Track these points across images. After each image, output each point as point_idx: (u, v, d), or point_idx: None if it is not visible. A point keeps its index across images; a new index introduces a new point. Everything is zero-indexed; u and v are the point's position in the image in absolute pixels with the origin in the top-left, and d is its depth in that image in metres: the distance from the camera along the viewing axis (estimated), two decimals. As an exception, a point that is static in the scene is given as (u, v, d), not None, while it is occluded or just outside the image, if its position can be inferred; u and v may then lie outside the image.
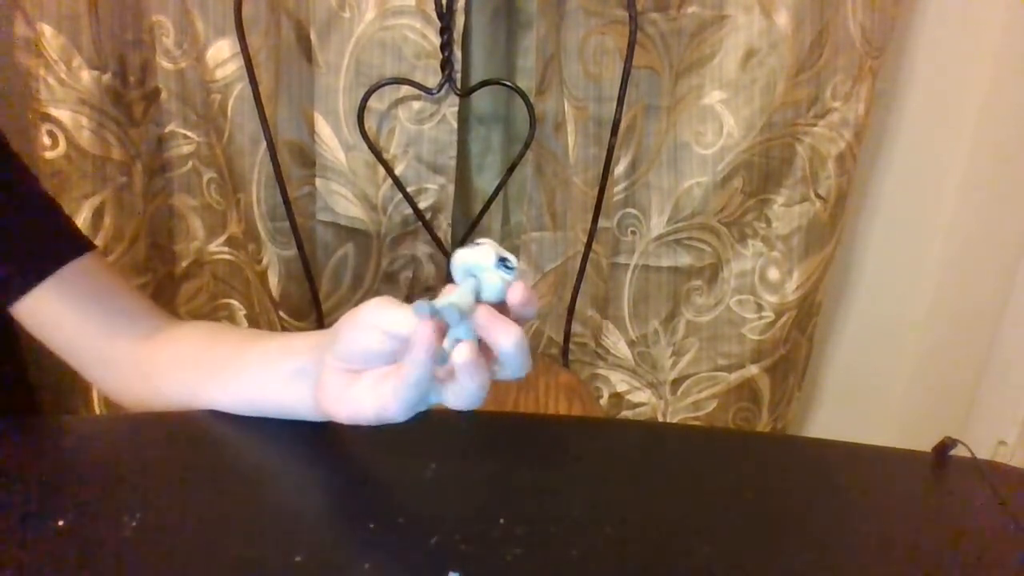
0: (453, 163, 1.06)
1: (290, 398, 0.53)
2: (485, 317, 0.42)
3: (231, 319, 1.20)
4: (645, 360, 1.18)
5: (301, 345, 0.53)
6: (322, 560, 0.44)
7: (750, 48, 0.98)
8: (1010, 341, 1.10)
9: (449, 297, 0.42)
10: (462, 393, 0.43)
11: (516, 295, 0.43)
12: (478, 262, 0.43)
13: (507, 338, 0.42)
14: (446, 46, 0.98)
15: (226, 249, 1.16)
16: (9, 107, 1.03)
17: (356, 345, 0.47)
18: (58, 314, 0.59)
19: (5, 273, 0.58)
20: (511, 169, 1.03)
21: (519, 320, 0.44)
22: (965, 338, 1.18)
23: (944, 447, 0.57)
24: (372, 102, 1.01)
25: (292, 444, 0.53)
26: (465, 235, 1.09)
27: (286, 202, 0.99)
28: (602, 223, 1.04)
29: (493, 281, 0.43)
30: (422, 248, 1.13)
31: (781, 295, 1.09)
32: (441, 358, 0.42)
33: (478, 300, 0.43)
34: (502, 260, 0.43)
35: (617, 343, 1.18)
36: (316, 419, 0.53)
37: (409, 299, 1.16)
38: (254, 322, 1.18)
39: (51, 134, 1.00)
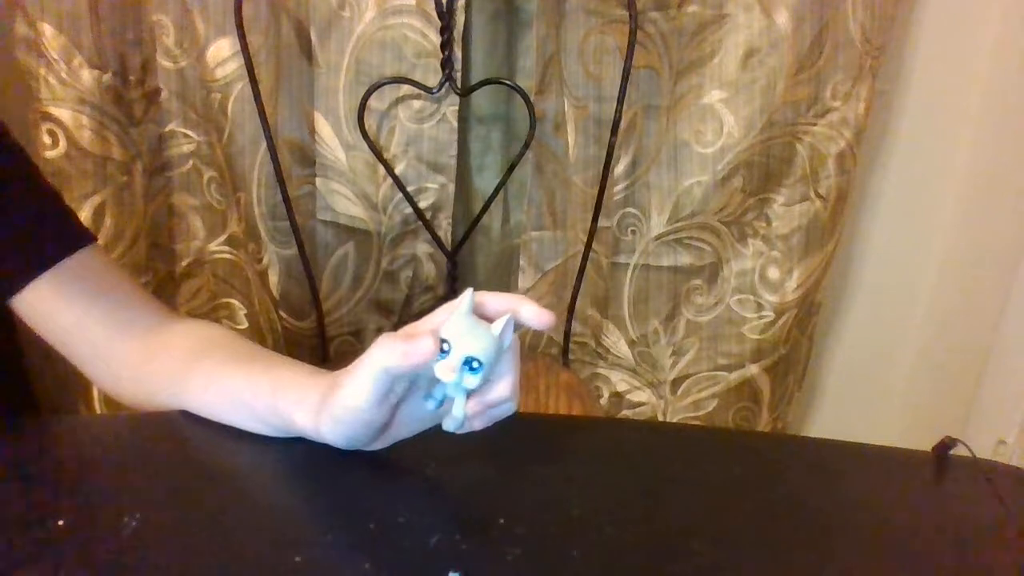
0: (453, 162, 1.06)
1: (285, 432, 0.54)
2: (475, 412, 0.45)
3: (231, 318, 1.20)
4: (645, 360, 1.18)
5: (299, 419, 0.51)
6: (322, 560, 0.44)
7: (750, 47, 0.97)
8: (1010, 341, 1.10)
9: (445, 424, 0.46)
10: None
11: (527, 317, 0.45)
12: (443, 379, 0.44)
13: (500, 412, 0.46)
14: (446, 45, 0.98)
15: (226, 248, 1.16)
16: (9, 107, 1.03)
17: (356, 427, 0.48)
18: (57, 307, 0.59)
19: (5, 265, 0.58)
20: (511, 169, 1.03)
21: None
22: (965, 338, 1.18)
23: (944, 447, 0.57)
24: (372, 101, 1.01)
25: (292, 444, 0.53)
26: (465, 235, 1.09)
27: (286, 201, 0.99)
28: (602, 223, 1.04)
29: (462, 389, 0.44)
30: (422, 247, 1.13)
31: (781, 294, 1.09)
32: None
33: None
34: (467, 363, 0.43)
35: (617, 343, 1.18)
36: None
37: (409, 298, 1.17)
38: (254, 321, 1.18)
39: (51, 133, 1.00)
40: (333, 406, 0.47)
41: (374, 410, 0.46)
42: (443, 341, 0.43)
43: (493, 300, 0.45)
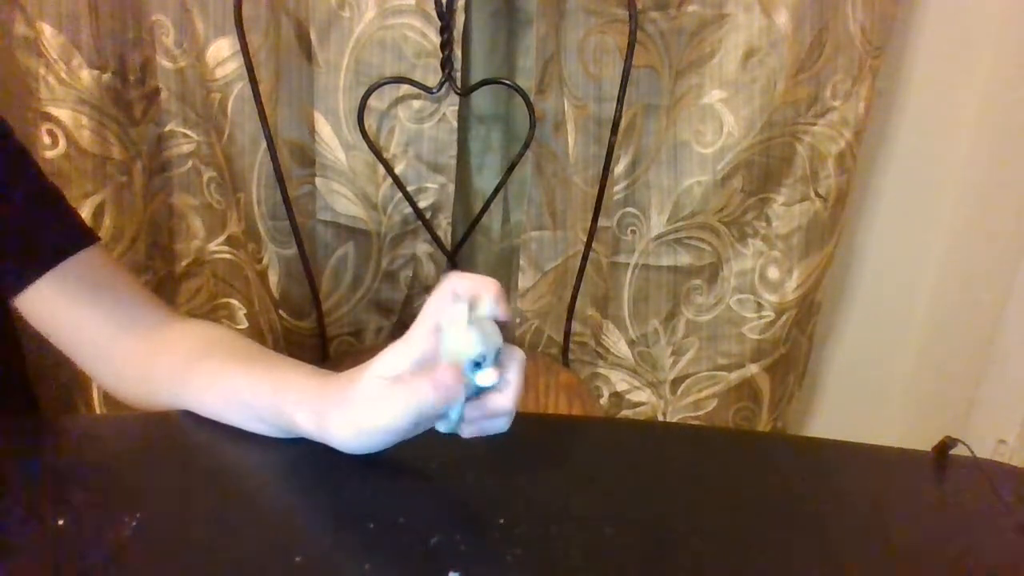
0: (453, 162, 1.06)
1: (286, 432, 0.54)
2: (470, 416, 0.47)
3: (231, 318, 1.20)
4: (645, 360, 1.18)
5: (300, 420, 0.51)
6: (322, 560, 0.44)
7: (750, 47, 0.97)
8: (1010, 341, 1.10)
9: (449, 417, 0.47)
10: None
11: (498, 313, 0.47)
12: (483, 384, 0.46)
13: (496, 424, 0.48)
14: (446, 45, 0.98)
15: (226, 248, 1.16)
16: (9, 107, 1.03)
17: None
18: (60, 307, 0.59)
19: (7, 265, 0.58)
20: (511, 168, 1.03)
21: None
22: (965, 338, 1.18)
23: (944, 446, 0.57)
24: (372, 101, 1.01)
25: (292, 444, 0.53)
26: (465, 235, 1.09)
27: (286, 201, 0.99)
28: (602, 222, 1.04)
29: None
30: (422, 247, 1.13)
31: (781, 294, 1.09)
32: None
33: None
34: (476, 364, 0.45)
35: (617, 342, 1.18)
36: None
37: (409, 298, 1.17)
38: (254, 321, 1.18)
39: (51, 133, 1.00)
40: (361, 421, 0.48)
41: (405, 431, 0.48)
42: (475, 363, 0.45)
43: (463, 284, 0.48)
